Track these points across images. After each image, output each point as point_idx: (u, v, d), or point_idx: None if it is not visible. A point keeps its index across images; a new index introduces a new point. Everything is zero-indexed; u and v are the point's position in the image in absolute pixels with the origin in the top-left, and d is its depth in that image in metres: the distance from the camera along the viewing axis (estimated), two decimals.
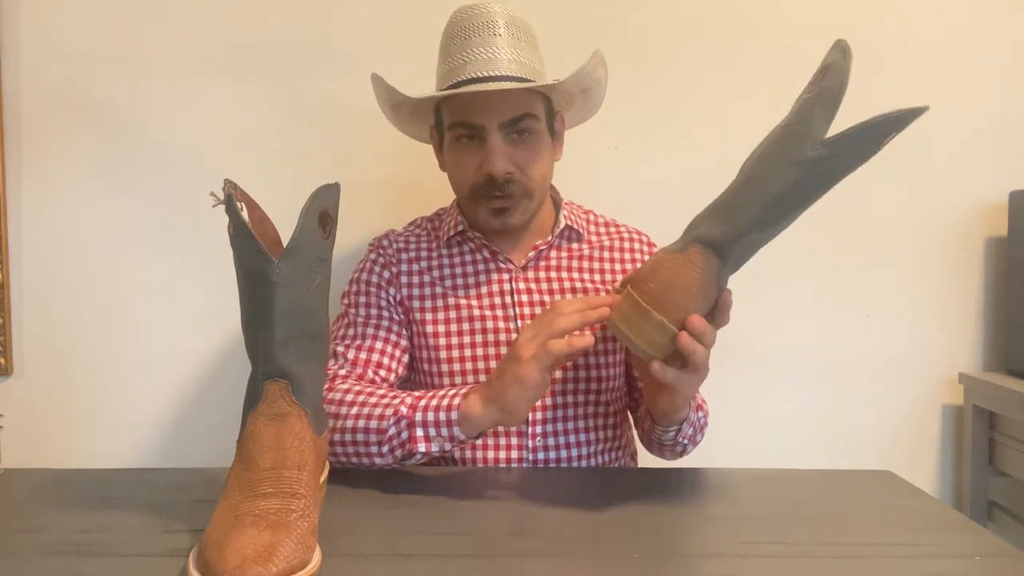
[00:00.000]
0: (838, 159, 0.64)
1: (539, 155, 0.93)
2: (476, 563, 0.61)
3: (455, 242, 1.01)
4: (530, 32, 0.94)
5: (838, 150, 0.63)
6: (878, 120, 0.62)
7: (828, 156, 0.63)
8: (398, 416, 0.80)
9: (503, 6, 0.91)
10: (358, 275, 1.01)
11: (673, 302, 0.69)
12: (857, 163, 0.65)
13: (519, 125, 0.89)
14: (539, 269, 0.99)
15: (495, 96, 0.88)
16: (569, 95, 0.98)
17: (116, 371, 1.32)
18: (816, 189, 0.66)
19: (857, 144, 0.63)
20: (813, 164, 0.64)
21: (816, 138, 0.64)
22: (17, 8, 1.28)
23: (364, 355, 0.94)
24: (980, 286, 1.39)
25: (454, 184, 0.97)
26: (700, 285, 0.69)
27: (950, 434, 1.40)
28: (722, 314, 0.73)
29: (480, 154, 0.90)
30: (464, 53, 0.89)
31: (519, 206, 0.93)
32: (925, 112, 0.62)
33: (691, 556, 0.64)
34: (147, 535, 0.66)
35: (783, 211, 0.68)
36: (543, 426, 0.93)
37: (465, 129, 0.90)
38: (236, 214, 0.62)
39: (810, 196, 0.67)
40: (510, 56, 0.89)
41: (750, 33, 1.33)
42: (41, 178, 1.30)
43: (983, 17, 1.35)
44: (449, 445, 0.80)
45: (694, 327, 0.69)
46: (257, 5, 1.29)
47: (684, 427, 0.87)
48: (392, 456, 0.81)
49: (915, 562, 0.63)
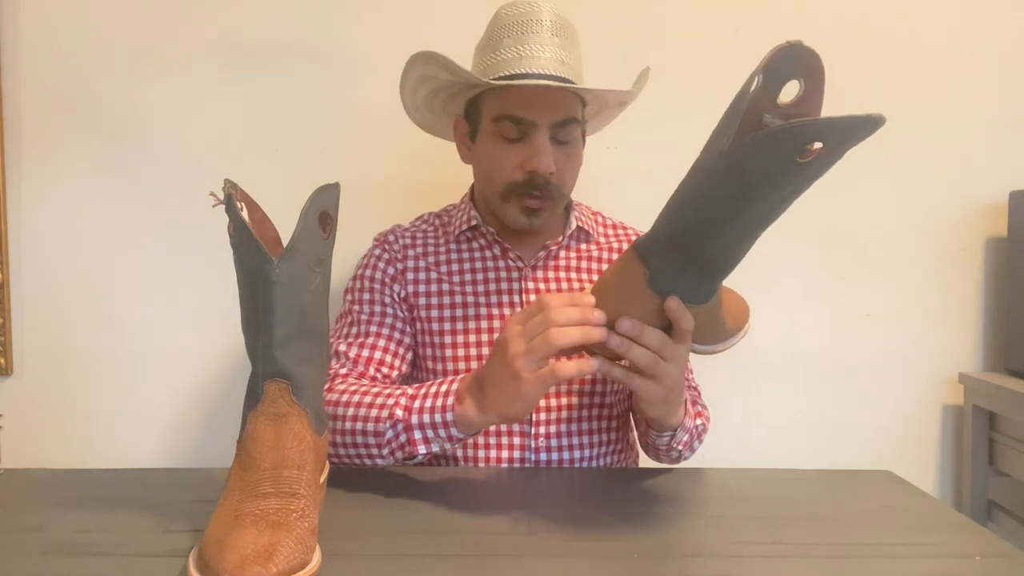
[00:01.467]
0: (741, 169, 0.58)
1: (576, 159, 0.94)
2: (476, 563, 0.61)
3: (465, 238, 1.00)
4: (576, 34, 0.93)
5: (735, 160, 0.57)
6: (773, 130, 0.53)
7: (726, 166, 0.58)
8: (394, 420, 0.79)
9: (553, 4, 0.91)
10: (362, 271, 1.00)
11: (607, 301, 0.71)
12: (775, 175, 0.57)
13: (566, 127, 0.90)
14: (549, 269, 0.99)
15: (550, 95, 0.88)
16: (604, 104, 0.98)
17: (116, 371, 1.32)
18: (729, 198, 0.60)
19: (756, 155, 0.56)
20: (713, 173, 0.60)
21: (716, 148, 0.59)
22: (17, 8, 1.28)
23: (367, 353, 0.94)
24: (980, 286, 1.39)
25: (486, 176, 0.95)
26: (629, 288, 0.69)
27: (950, 434, 1.40)
28: (676, 321, 0.69)
29: (524, 151, 0.89)
30: (521, 47, 0.88)
31: (552, 207, 0.93)
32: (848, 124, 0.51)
33: (691, 556, 0.63)
34: (147, 535, 0.66)
35: (705, 217, 0.63)
36: (546, 427, 0.93)
37: (513, 124, 0.89)
38: (236, 214, 0.62)
39: (727, 206, 0.61)
40: (563, 57, 0.89)
41: (750, 33, 1.33)
42: (41, 178, 1.30)
43: (983, 17, 1.35)
44: (449, 444, 0.79)
45: (623, 330, 0.69)
46: (257, 5, 1.29)
47: (679, 433, 0.86)
48: (393, 457, 0.81)
49: (915, 562, 0.63)
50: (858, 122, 0.50)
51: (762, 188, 0.59)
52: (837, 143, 0.53)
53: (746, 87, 0.57)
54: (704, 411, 0.95)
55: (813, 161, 0.55)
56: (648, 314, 0.70)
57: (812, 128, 0.52)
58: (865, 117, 0.50)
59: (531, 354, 0.70)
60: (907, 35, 1.34)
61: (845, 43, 1.34)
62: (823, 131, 0.52)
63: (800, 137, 0.53)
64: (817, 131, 0.52)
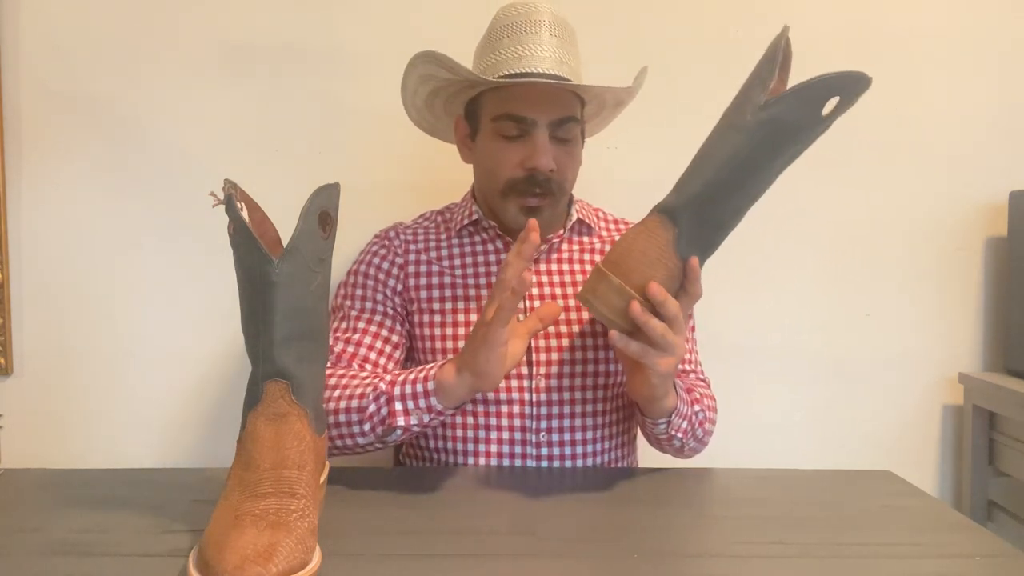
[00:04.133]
0: (777, 123, 0.66)
1: (576, 158, 0.94)
2: (476, 563, 0.61)
3: (467, 232, 1.01)
4: (574, 35, 0.94)
5: (774, 113, 0.66)
6: (810, 82, 0.64)
7: (766, 120, 0.66)
8: (377, 392, 0.81)
9: (552, 5, 0.91)
10: (357, 267, 1.01)
11: (631, 267, 0.71)
12: (802, 130, 0.67)
13: (565, 126, 0.90)
14: (551, 262, 0.99)
15: (550, 94, 0.89)
16: (603, 104, 0.99)
17: (116, 371, 1.32)
18: (764, 154, 0.68)
19: (792, 106, 0.65)
20: (753, 128, 0.67)
21: (755, 104, 0.67)
22: (17, 8, 1.28)
23: (352, 349, 0.94)
24: (980, 286, 1.39)
25: (487, 175, 0.95)
26: (656, 251, 0.71)
27: (950, 434, 1.40)
28: (691, 283, 0.73)
29: (524, 149, 0.90)
30: (520, 47, 0.89)
31: (551, 205, 0.93)
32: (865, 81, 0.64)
33: (691, 556, 0.63)
34: (147, 535, 0.66)
35: (732, 177, 0.70)
36: (547, 421, 0.93)
37: (513, 122, 0.90)
38: (236, 214, 0.62)
39: (758, 162, 0.69)
40: (561, 57, 0.90)
41: (750, 33, 1.33)
42: (41, 178, 1.30)
43: (983, 17, 1.35)
44: (428, 417, 0.79)
45: (652, 294, 0.71)
46: (257, 5, 1.29)
47: (675, 419, 0.85)
48: (373, 434, 0.81)
49: (915, 562, 0.63)
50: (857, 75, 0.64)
51: (787, 142, 0.68)
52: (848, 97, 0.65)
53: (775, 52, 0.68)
54: (703, 399, 0.93)
55: (831, 114, 0.66)
56: (670, 278, 0.72)
57: (832, 79, 0.64)
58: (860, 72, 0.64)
59: (492, 300, 0.74)
60: (907, 35, 1.34)
61: (845, 43, 1.34)
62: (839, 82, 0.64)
63: (825, 88, 0.64)
64: (836, 82, 0.64)
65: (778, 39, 0.69)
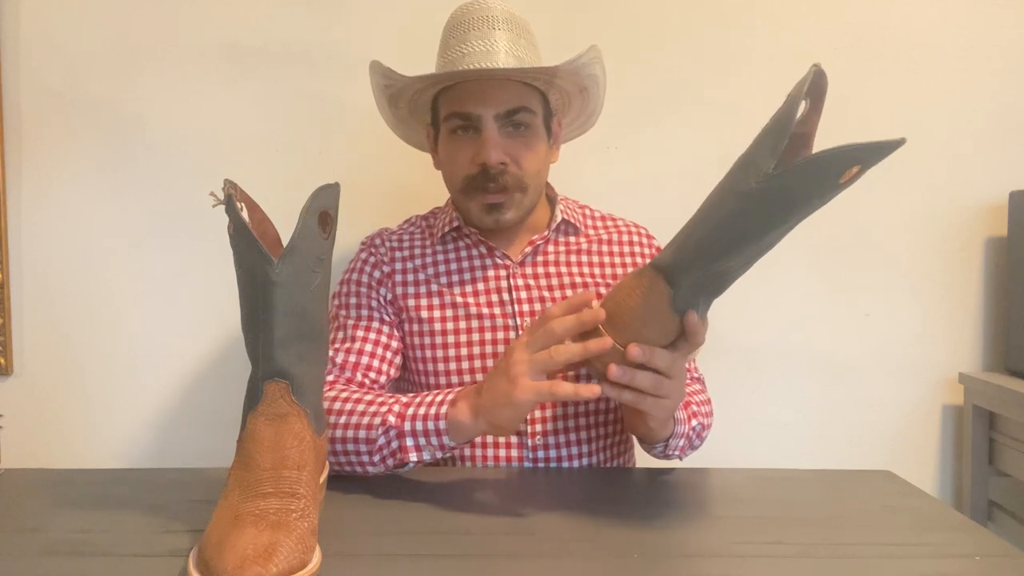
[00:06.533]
0: (785, 192, 0.60)
1: (533, 148, 0.92)
2: (475, 563, 0.61)
3: (450, 239, 1.00)
4: (528, 30, 0.94)
5: (783, 183, 0.59)
6: (824, 155, 0.57)
7: (771, 189, 0.60)
8: (387, 426, 0.79)
9: (503, 3, 0.92)
10: (348, 275, 1.00)
11: (624, 323, 0.70)
12: (814, 196, 0.60)
13: (515, 117, 0.90)
14: (537, 264, 0.98)
15: (491, 87, 0.88)
16: (567, 95, 0.98)
17: (116, 371, 1.32)
18: (766, 220, 0.62)
19: (805, 178, 0.59)
20: (755, 196, 0.61)
21: (760, 170, 0.60)
22: (17, 8, 1.28)
23: (353, 358, 0.93)
24: (980, 286, 1.39)
25: (447, 178, 0.96)
26: (650, 309, 0.69)
27: (950, 434, 1.40)
28: (691, 336, 0.70)
29: (475, 145, 0.90)
30: (463, 45, 0.90)
31: (513, 201, 0.92)
32: (895, 146, 0.56)
33: (691, 556, 0.63)
34: (147, 535, 0.66)
35: (730, 242, 0.64)
36: (543, 424, 0.93)
37: (460, 120, 0.90)
38: (236, 214, 0.62)
39: (762, 227, 0.63)
40: (508, 49, 0.89)
41: (750, 33, 1.33)
42: (41, 178, 1.30)
43: (982, 17, 1.35)
44: (440, 453, 0.79)
45: (633, 358, 0.69)
46: (257, 5, 1.29)
47: (672, 441, 0.86)
48: (384, 465, 0.81)
49: (915, 562, 0.63)
50: (891, 145, 0.56)
51: (799, 208, 0.61)
52: (871, 164, 0.57)
53: (791, 109, 0.60)
54: (703, 407, 0.93)
55: (849, 181, 0.59)
56: (664, 333, 0.70)
57: (856, 151, 0.56)
58: (896, 140, 0.56)
59: (533, 364, 0.71)
60: (907, 35, 1.34)
61: (845, 44, 1.34)
62: (866, 154, 0.56)
63: (847, 160, 0.57)
64: (861, 154, 0.56)
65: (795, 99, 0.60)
